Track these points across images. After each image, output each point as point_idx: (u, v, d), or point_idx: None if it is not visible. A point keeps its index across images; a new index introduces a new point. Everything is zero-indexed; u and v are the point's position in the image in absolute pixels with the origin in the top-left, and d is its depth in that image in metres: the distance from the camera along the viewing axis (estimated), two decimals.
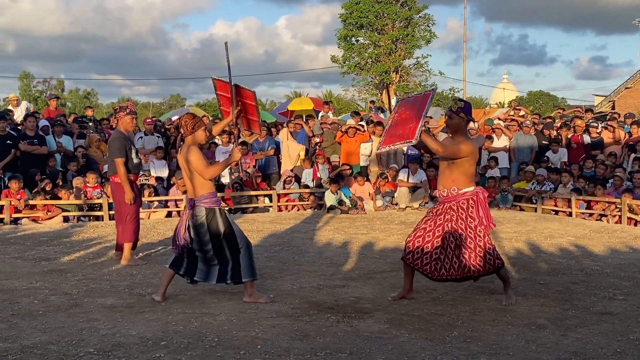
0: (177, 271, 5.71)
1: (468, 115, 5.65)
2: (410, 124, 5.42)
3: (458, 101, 5.71)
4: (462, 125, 5.62)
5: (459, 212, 5.55)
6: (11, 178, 11.14)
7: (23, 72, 61.24)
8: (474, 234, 5.51)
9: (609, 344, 4.55)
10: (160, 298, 5.65)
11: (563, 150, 14.05)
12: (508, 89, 55.08)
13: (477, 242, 5.51)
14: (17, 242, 8.95)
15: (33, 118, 12.54)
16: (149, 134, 13.66)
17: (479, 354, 4.29)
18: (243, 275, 5.55)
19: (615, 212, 11.16)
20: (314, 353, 4.28)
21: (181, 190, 12.08)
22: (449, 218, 5.57)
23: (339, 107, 39.80)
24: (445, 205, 5.61)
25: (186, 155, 5.51)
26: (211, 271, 5.64)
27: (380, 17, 32.58)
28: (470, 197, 5.55)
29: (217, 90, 6.45)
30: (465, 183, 5.56)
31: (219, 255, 5.57)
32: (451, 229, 5.55)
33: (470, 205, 5.54)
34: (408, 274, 5.82)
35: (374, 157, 14.29)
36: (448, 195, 5.60)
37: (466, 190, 5.55)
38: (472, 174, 5.65)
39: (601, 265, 7.37)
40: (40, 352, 4.27)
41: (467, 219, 5.53)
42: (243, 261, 5.56)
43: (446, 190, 5.61)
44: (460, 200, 5.55)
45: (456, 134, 5.65)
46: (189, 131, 5.56)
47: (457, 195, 5.56)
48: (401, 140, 5.45)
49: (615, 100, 28.72)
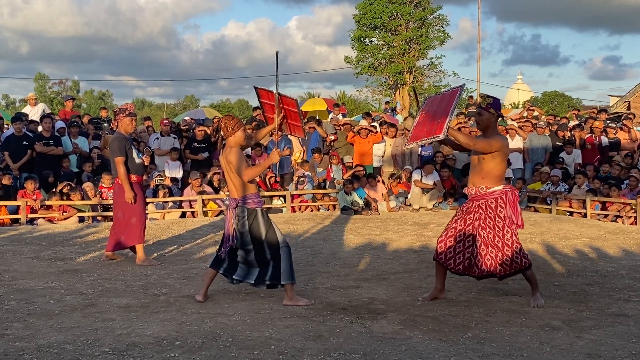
0: (218, 270, 5.73)
1: (498, 111, 5.63)
2: (438, 119, 5.39)
3: (487, 97, 5.68)
4: (492, 121, 5.60)
5: (487, 210, 5.54)
6: (27, 179, 11.24)
7: (38, 74, 61.86)
8: (501, 233, 5.49)
9: (624, 345, 4.52)
10: (202, 298, 5.66)
11: (577, 152, 13.97)
12: (522, 89, 54.77)
13: (504, 241, 5.48)
14: (33, 242, 9.03)
15: (49, 119, 12.65)
16: (165, 135, 13.73)
17: (493, 355, 4.28)
18: (282, 277, 5.53)
19: (631, 213, 11.09)
20: (327, 354, 4.29)
21: (196, 191, 12.14)
22: (477, 217, 5.57)
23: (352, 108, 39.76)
24: (474, 204, 5.61)
25: (227, 156, 5.52)
26: (251, 271, 5.64)
27: (394, 18, 32.58)
28: (499, 195, 5.52)
29: (260, 98, 6.54)
30: (495, 181, 5.54)
31: (260, 256, 5.57)
32: (479, 227, 5.55)
33: (499, 204, 5.51)
34: (440, 274, 5.81)
35: (388, 158, 14.29)
36: (477, 194, 5.59)
37: (495, 188, 5.53)
38: (502, 172, 5.61)
39: (616, 266, 7.32)
40: (56, 352, 4.31)
41: (495, 218, 5.51)
42: (283, 264, 5.54)
43: (475, 188, 5.61)
44: (489, 199, 5.53)
45: (486, 130, 5.63)
46: (229, 132, 5.57)
47: (486, 193, 5.54)
48: (428, 135, 5.41)
49: (630, 100, 28.46)
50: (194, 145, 13.72)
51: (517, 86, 56.57)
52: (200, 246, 8.76)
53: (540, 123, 15.03)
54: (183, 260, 7.74)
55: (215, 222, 11.12)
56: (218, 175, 12.86)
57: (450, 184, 13.33)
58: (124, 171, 7.38)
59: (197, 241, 9.17)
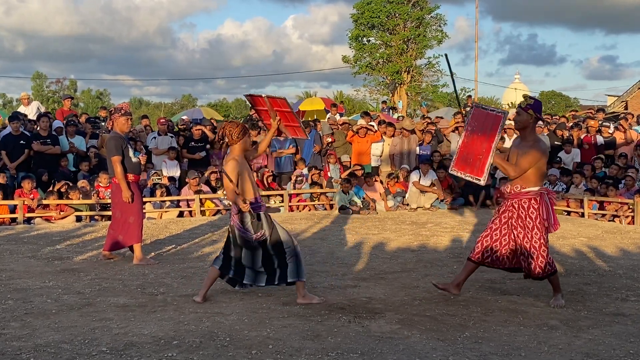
0: (226, 274, 5.72)
1: (537, 113, 5.63)
2: (480, 154, 5.43)
3: (529, 98, 5.68)
4: (529, 122, 5.61)
5: (519, 210, 5.56)
6: (24, 178, 11.22)
7: (36, 73, 61.79)
8: (530, 234, 5.51)
9: (622, 345, 4.53)
10: (201, 299, 5.63)
11: (576, 151, 13.99)
12: (520, 89, 54.76)
13: (532, 243, 5.51)
14: (30, 241, 9.01)
15: (46, 118, 12.61)
16: (162, 134, 13.70)
17: (491, 355, 4.28)
18: (289, 276, 5.54)
19: (628, 212, 11.10)
20: (325, 353, 4.29)
21: (194, 190, 12.12)
22: (510, 215, 5.61)
23: (350, 108, 39.78)
24: (509, 203, 5.64)
25: (226, 165, 5.47)
26: (259, 275, 5.64)
27: (392, 17, 32.60)
28: (534, 197, 5.53)
29: (255, 106, 6.39)
30: (531, 182, 5.54)
31: (266, 259, 5.56)
32: (511, 226, 5.59)
33: (531, 205, 5.52)
34: (466, 271, 5.87)
35: (386, 158, 14.29)
36: (512, 192, 5.62)
37: (530, 189, 5.53)
38: (540, 174, 5.62)
39: (614, 266, 7.33)
40: (54, 351, 4.30)
41: (525, 219, 5.53)
42: (290, 263, 5.54)
43: (510, 187, 5.63)
44: (523, 199, 5.55)
45: (524, 131, 5.66)
46: (234, 140, 5.51)
47: (520, 193, 5.56)
48: (471, 173, 5.50)
49: (628, 100, 28.50)
50: (192, 144, 13.71)
51: (515, 86, 56.56)
52: (197, 245, 8.75)
53: (538, 122, 15.01)
54: (181, 259, 7.73)
55: (212, 222, 11.11)
56: (215, 174, 12.85)
57: (448, 184, 13.33)
58: (121, 170, 7.37)
59: (195, 240, 9.16)
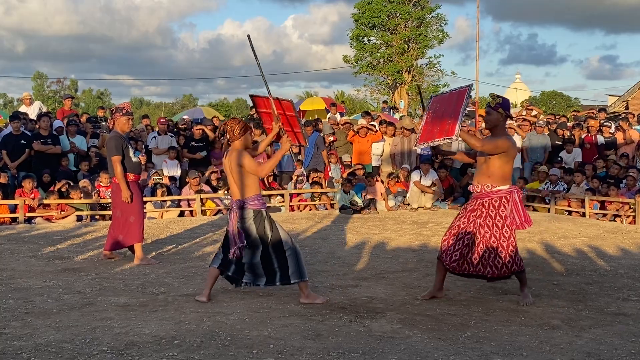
0: (224, 272, 5.72)
1: (506, 111, 5.64)
2: (449, 120, 5.43)
3: (497, 97, 5.69)
4: (500, 121, 5.62)
5: (489, 209, 5.54)
6: (25, 177, 11.22)
7: (37, 73, 61.82)
8: (499, 233, 5.49)
9: (623, 344, 4.52)
10: (206, 299, 5.61)
11: (577, 151, 13.97)
12: (521, 89, 54.87)
13: (500, 242, 5.49)
14: (31, 241, 9.01)
15: (47, 118, 12.61)
16: (162, 134, 13.70)
17: (492, 355, 4.28)
18: (291, 277, 5.52)
19: (629, 212, 11.09)
20: (326, 352, 4.28)
21: (194, 190, 12.12)
22: (478, 214, 5.58)
23: (350, 108, 39.78)
24: (478, 202, 5.63)
25: (237, 159, 5.45)
26: (258, 276, 5.62)
27: (393, 17, 32.59)
28: (504, 195, 5.53)
29: (258, 108, 6.29)
30: (501, 181, 5.54)
31: (265, 259, 5.55)
32: (478, 226, 5.55)
33: (502, 204, 5.52)
34: (440, 272, 5.81)
35: (386, 157, 14.28)
36: (482, 192, 5.60)
37: (500, 188, 5.54)
38: (509, 172, 5.63)
39: (615, 265, 7.32)
40: (54, 351, 4.30)
41: (495, 217, 5.52)
42: (290, 264, 5.53)
43: (480, 186, 5.62)
44: (493, 198, 5.54)
45: (494, 129, 5.65)
46: (235, 136, 5.53)
47: (491, 192, 5.55)
48: (440, 136, 5.45)
49: (629, 100, 28.48)
50: (192, 144, 13.71)
51: (516, 85, 56.67)
52: (198, 245, 8.74)
53: (539, 122, 15.02)
54: (181, 259, 7.73)
55: (213, 221, 11.10)
56: (216, 174, 12.84)
57: (449, 184, 13.33)
58: (121, 170, 7.36)
59: (196, 240, 9.15)
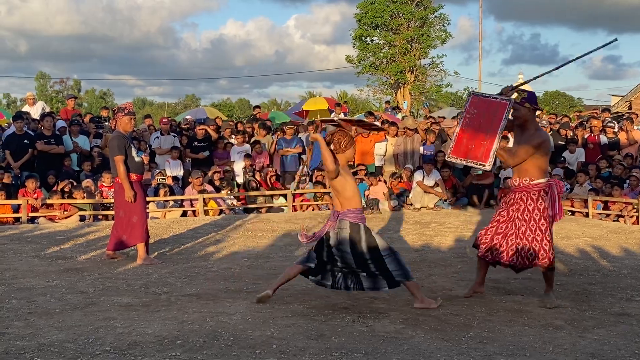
0: (313, 276, 5.61)
1: (534, 104, 5.59)
2: (485, 139, 5.34)
3: (522, 91, 5.60)
4: (529, 115, 5.58)
5: (527, 202, 5.52)
6: (28, 177, 11.24)
7: (40, 73, 61.91)
8: (535, 226, 5.47)
9: (627, 345, 4.51)
10: (272, 292, 5.54)
11: (580, 151, 13.94)
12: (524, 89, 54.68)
13: (535, 235, 5.46)
14: (34, 240, 9.02)
15: (50, 118, 12.64)
16: (165, 134, 13.72)
17: (496, 355, 4.27)
18: (395, 276, 5.35)
19: (633, 212, 11.06)
20: (329, 353, 4.27)
21: (197, 190, 12.11)
22: (516, 208, 5.56)
23: (353, 108, 39.75)
24: (517, 195, 5.60)
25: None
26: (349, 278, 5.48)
27: (396, 17, 32.55)
28: (542, 188, 5.52)
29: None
30: (538, 174, 5.52)
31: (364, 267, 5.40)
32: (516, 219, 5.54)
33: (540, 197, 5.50)
34: (482, 268, 5.82)
35: (389, 157, 14.27)
36: (520, 185, 5.59)
37: (539, 181, 5.52)
38: (545, 165, 5.60)
39: (618, 266, 7.30)
40: (57, 350, 4.30)
41: (533, 211, 5.49)
42: (391, 266, 5.36)
43: (518, 180, 5.60)
44: (532, 191, 5.52)
45: (525, 125, 5.60)
46: (342, 149, 5.43)
47: (529, 185, 5.53)
48: (474, 160, 5.39)
49: (632, 100, 28.42)
50: (195, 144, 13.72)
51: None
52: (201, 245, 8.74)
53: (542, 122, 15.00)
54: (184, 259, 7.73)
55: (216, 221, 11.10)
56: (219, 174, 12.85)
57: (452, 184, 13.31)
58: (124, 170, 7.37)
59: (198, 240, 9.15)
